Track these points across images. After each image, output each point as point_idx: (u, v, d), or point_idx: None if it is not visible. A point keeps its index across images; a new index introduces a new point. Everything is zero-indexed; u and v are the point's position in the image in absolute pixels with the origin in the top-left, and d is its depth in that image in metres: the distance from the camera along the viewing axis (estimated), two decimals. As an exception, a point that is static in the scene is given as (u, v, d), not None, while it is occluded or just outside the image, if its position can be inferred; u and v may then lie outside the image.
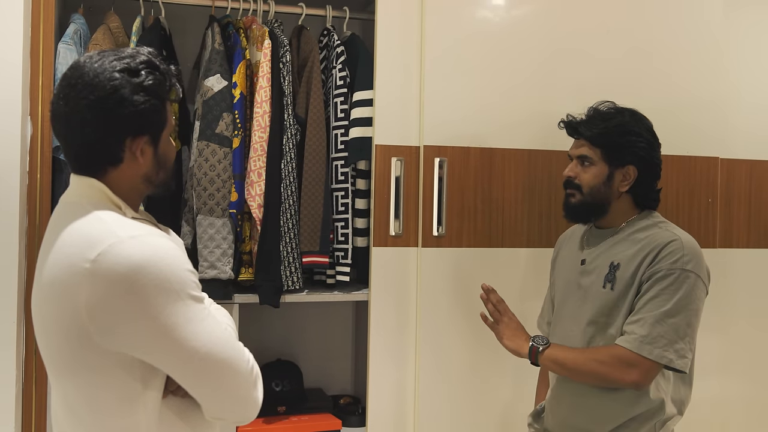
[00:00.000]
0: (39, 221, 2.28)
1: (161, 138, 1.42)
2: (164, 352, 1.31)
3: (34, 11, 2.28)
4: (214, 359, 1.33)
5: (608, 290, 1.95)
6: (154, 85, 1.37)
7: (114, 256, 1.27)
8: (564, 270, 2.16)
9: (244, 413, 1.42)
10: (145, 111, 1.36)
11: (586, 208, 2.02)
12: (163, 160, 1.44)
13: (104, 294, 1.26)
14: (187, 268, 1.34)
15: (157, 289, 1.27)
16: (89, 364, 1.32)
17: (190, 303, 1.32)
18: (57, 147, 2.38)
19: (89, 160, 1.39)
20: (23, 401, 2.27)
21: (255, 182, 2.55)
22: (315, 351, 3.14)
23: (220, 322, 1.38)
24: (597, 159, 1.99)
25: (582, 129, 2.02)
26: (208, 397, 1.37)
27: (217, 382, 1.35)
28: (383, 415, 2.58)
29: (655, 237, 1.94)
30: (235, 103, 2.54)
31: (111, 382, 1.33)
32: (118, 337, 1.29)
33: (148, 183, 1.44)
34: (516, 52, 2.64)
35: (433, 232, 2.56)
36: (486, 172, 2.61)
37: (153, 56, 1.41)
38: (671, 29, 2.79)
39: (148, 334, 1.28)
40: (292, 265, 2.60)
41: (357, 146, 2.66)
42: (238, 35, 2.62)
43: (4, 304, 2.18)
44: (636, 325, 1.86)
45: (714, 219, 2.83)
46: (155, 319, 1.27)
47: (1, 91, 2.18)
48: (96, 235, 1.30)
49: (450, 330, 2.59)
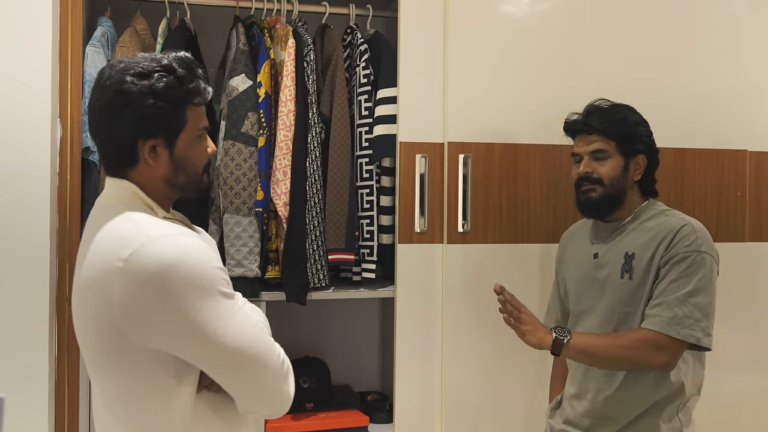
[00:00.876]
0: (69, 222, 2.32)
1: (177, 140, 1.43)
2: (196, 347, 1.34)
3: (62, 15, 2.31)
4: (245, 354, 1.35)
5: (626, 280, 1.99)
6: (165, 89, 1.38)
7: (145, 255, 1.30)
8: (575, 267, 2.18)
9: (276, 406, 1.45)
10: (153, 114, 1.38)
11: (608, 201, 2.05)
12: (181, 162, 1.45)
13: (136, 292, 1.30)
14: (216, 265, 1.37)
15: (188, 286, 1.30)
16: (124, 361, 1.36)
17: (220, 299, 1.34)
18: (86, 148, 2.42)
19: (112, 161, 1.44)
20: (56, 400, 2.31)
21: (280, 181, 2.57)
22: (342, 348, 3.16)
23: (250, 318, 1.40)
24: (612, 151, 2.03)
25: (596, 123, 2.04)
26: (240, 391, 1.40)
27: (249, 376, 1.38)
28: (410, 412, 2.58)
29: (666, 223, 2.00)
30: (260, 103, 2.56)
31: (146, 378, 1.36)
32: (150, 334, 1.32)
33: (171, 185, 1.46)
34: (540, 47, 2.63)
35: (458, 229, 2.56)
36: (511, 167, 2.61)
37: (176, 60, 1.42)
38: (698, 22, 2.76)
39: (180, 331, 1.32)
40: (318, 263, 2.61)
41: (381, 143, 2.66)
42: (263, 35, 2.64)
43: (36, 303, 2.22)
44: (660, 308, 1.90)
45: (743, 213, 2.79)
46: (186, 315, 1.31)
47: (31, 94, 2.22)
48: (128, 235, 1.34)
49: (476, 325, 2.58)
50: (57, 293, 2.29)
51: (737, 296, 2.74)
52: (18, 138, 2.21)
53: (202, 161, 1.50)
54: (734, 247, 2.77)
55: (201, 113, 1.47)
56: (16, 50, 2.21)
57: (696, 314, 1.88)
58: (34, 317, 2.21)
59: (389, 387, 2.79)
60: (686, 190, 2.73)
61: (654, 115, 2.67)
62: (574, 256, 2.21)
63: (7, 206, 2.20)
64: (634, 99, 2.62)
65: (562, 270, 2.27)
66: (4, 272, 2.19)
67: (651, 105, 2.68)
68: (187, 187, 1.49)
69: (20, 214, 2.20)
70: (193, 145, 1.46)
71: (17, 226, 2.20)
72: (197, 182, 1.50)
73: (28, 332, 2.21)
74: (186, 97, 1.42)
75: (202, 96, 1.45)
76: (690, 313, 1.88)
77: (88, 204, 2.49)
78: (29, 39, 2.22)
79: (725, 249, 2.70)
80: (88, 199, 2.50)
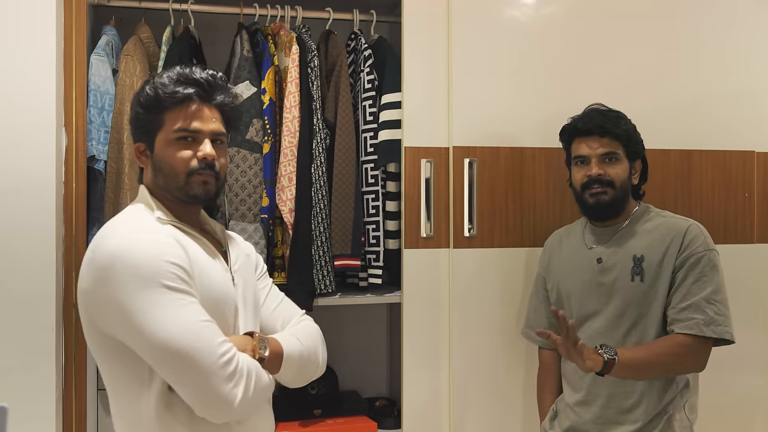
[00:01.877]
0: (75, 231, 2.32)
1: (155, 143, 1.54)
2: (132, 337, 1.38)
3: (67, 24, 2.32)
4: (172, 348, 1.35)
5: (638, 282, 2.01)
6: (146, 97, 1.54)
7: (103, 246, 1.42)
8: (574, 272, 2.17)
9: (212, 409, 1.40)
10: (135, 119, 1.57)
11: (618, 203, 2.08)
12: (158, 163, 1.54)
13: (90, 279, 1.42)
14: (167, 259, 1.40)
15: (127, 275, 1.37)
16: (101, 347, 1.47)
17: (161, 291, 1.37)
18: (91, 157, 2.43)
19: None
20: (63, 409, 2.31)
21: (286, 187, 2.57)
22: (350, 354, 3.15)
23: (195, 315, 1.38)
24: (622, 155, 2.07)
25: (609, 126, 2.05)
26: (176, 388, 1.40)
27: (178, 372, 1.37)
28: (418, 417, 2.57)
29: (670, 226, 2.04)
30: (265, 109, 2.56)
31: (119, 364, 1.45)
32: (105, 321, 1.41)
33: (159, 188, 1.56)
34: (544, 51, 2.63)
35: (465, 233, 2.56)
36: (516, 171, 2.60)
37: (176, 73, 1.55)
38: (703, 23, 2.75)
39: (119, 319, 1.38)
40: (324, 269, 2.61)
41: (386, 149, 2.66)
42: (267, 42, 2.65)
43: (42, 312, 2.22)
44: (690, 311, 1.93)
45: (751, 214, 2.78)
46: (124, 303, 1.37)
47: (36, 103, 2.22)
48: (105, 230, 1.49)
49: (483, 330, 2.57)
50: (63, 302, 2.30)
51: (745, 298, 2.72)
52: (23, 147, 2.21)
53: (182, 164, 1.51)
54: (742, 249, 2.75)
55: (180, 115, 1.51)
56: (21, 59, 2.21)
57: (724, 311, 1.94)
58: (41, 326, 2.21)
59: (397, 392, 2.78)
60: (693, 191, 2.72)
61: (660, 117, 2.68)
62: (569, 261, 2.20)
63: (13, 215, 2.20)
64: (640, 101, 2.63)
65: (552, 277, 2.26)
66: (11, 280, 2.19)
67: (657, 107, 2.69)
68: (171, 190, 1.53)
69: (26, 222, 2.20)
70: (169, 146, 1.52)
71: (23, 235, 2.20)
72: (180, 185, 1.52)
73: (35, 341, 2.21)
74: (158, 100, 1.52)
75: (172, 97, 1.52)
76: (719, 311, 1.93)
77: (94, 212, 2.50)
78: (34, 48, 2.22)
79: (733, 251, 2.71)
80: (94, 207, 2.50)
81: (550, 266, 2.29)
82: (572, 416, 2.12)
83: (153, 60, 2.61)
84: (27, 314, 2.20)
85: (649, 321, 2.00)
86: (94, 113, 2.45)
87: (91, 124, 2.43)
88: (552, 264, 2.28)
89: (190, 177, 1.51)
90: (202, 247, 1.52)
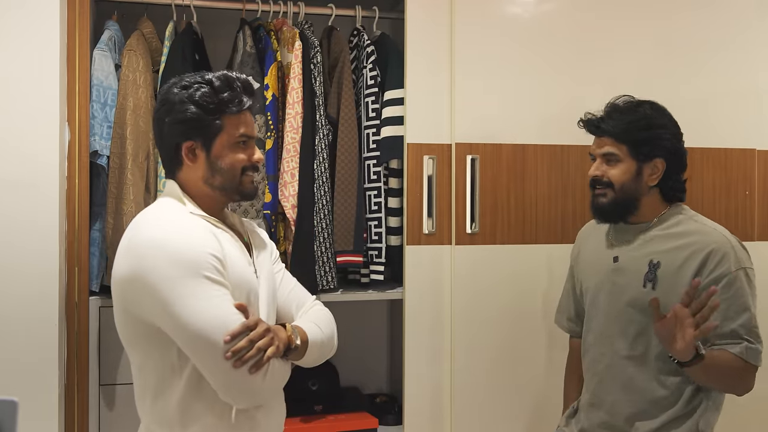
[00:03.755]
0: (78, 225, 2.32)
1: (214, 144, 1.57)
2: (166, 322, 1.43)
3: (70, 19, 2.32)
4: (206, 338, 1.42)
5: (649, 290, 1.89)
6: (201, 97, 1.54)
7: (142, 233, 1.48)
8: (593, 267, 2.09)
9: (240, 398, 1.49)
10: (190, 118, 1.55)
11: (618, 205, 1.96)
12: (217, 165, 1.58)
13: (129, 266, 1.46)
14: (207, 251, 1.46)
15: (167, 262, 1.42)
16: (134, 336, 1.51)
17: (201, 281, 1.43)
18: (94, 152, 2.42)
19: (165, 163, 1.63)
20: (66, 404, 2.31)
21: (288, 183, 2.57)
22: (351, 350, 3.14)
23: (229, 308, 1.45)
24: (624, 155, 1.94)
25: (605, 126, 1.95)
26: (206, 374, 1.46)
27: (210, 362, 1.44)
28: (419, 413, 2.58)
29: (699, 237, 1.89)
30: (268, 105, 2.56)
31: (151, 353, 1.49)
32: (140, 306, 1.46)
33: (210, 186, 1.59)
34: (546, 47, 2.63)
35: (467, 230, 2.56)
36: (519, 168, 2.60)
37: (216, 75, 1.58)
38: (704, 22, 2.75)
39: (157, 305, 1.42)
40: (326, 265, 2.61)
41: (389, 145, 2.66)
42: (269, 37, 2.64)
43: (45, 308, 2.22)
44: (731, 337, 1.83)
45: (752, 211, 2.78)
46: (160, 290, 1.42)
47: (39, 98, 2.22)
48: (140, 219, 1.54)
49: (484, 327, 2.58)
50: (66, 297, 2.30)
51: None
52: (26, 142, 2.21)
53: (239, 165, 1.60)
54: (743, 247, 2.76)
55: (240, 121, 1.59)
56: (24, 54, 2.21)
57: (760, 338, 1.86)
58: (44, 321, 2.21)
59: (398, 389, 2.78)
60: (695, 189, 2.72)
61: (662, 114, 2.68)
62: (591, 256, 2.12)
63: (16, 210, 2.20)
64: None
65: (578, 268, 2.19)
66: (13, 274, 2.19)
67: (659, 104, 2.69)
68: (226, 189, 1.61)
69: (30, 218, 2.20)
70: (230, 149, 1.58)
71: (26, 230, 2.20)
72: (236, 185, 1.61)
73: (38, 336, 2.21)
74: (220, 105, 1.56)
75: (236, 105, 1.57)
76: (758, 337, 1.85)
77: (97, 207, 2.50)
78: (37, 43, 2.22)
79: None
80: (97, 202, 2.50)
81: (578, 257, 2.20)
82: (584, 419, 2.07)
83: (156, 55, 2.60)
84: (30, 309, 2.20)
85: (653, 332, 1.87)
86: (97, 108, 2.45)
87: (93, 119, 2.43)
88: (579, 255, 2.19)
89: (243, 177, 1.61)
90: (231, 240, 1.59)
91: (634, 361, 1.94)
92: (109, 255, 2.47)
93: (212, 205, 1.61)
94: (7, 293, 2.19)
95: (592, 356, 2.05)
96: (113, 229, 2.44)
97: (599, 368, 2.02)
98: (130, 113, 2.45)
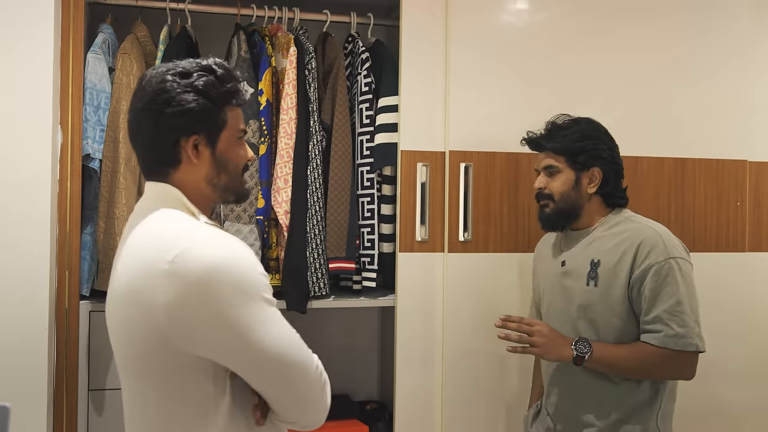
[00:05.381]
0: (69, 229, 2.31)
1: (219, 139, 1.43)
2: (238, 353, 1.32)
3: (64, 22, 2.31)
4: (285, 361, 1.34)
5: (591, 287, 2.03)
6: (206, 86, 1.39)
7: (191, 258, 1.29)
8: (545, 275, 2.23)
9: (313, 416, 1.43)
10: (194, 110, 1.39)
11: (560, 214, 2.11)
12: (223, 161, 1.44)
13: (181, 295, 1.28)
14: (260, 271, 1.36)
15: (233, 290, 1.29)
16: (165, 367, 1.34)
17: (263, 305, 1.34)
18: (86, 155, 2.41)
19: (152, 163, 1.44)
20: (54, 409, 2.30)
21: (281, 189, 2.56)
22: (341, 357, 3.14)
23: (290, 327, 1.39)
24: (563, 166, 2.10)
25: (544, 142, 2.12)
26: (279, 400, 1.39)
27: (288, 384, 1.37)
28: (410, 421, 2.57)
29: (631, 233, 2.03)
30: (262, 110, 2.56)
31: (184, 384, 1.35)
32: (194, 339, 1.30)
33: (212, 186, 1.45)
34: (541, 57, 2.64)
35: (459, 238, 2.56)
36: (512, 176, 2.61)
37: (215, 62, 1.44)
38: (699, 33, 2.77)
39: (223, 336, 1.30)
40: (318, 271, 2.61)
41: (382, 152, 2.66)
42: (264, 43, 2.64)
43: (35, 311, 2.20)
44: (656, 324, 1.94)
45: (743, 222, 2.80)
46: (230, 320, 1.29)
47: (32, 101, 2.21)
48: (173, 237, 1.33)
49: (476, 335, 2.58)
50: (57, 301, 2.28)
51: (736, 307, 2.74)
52: (19, 145, 2.20)
53: (242, 163, 1.50)
54: (734, 257, 2.77)
55: (239, 115, 1.48)
56: (18, 56, 2.20)
57: (688, 321, 1.93)
58: (34, 325, 2.20)
59: (388, 396, 2.78)
60: (686, 199, 2.74)
61: (655, 125, 2.70)
62: (544, 264, 2.26)
63: (8, 213, 2.19)
64: (635, 108, 2.66)
65: (535, 279, 2.33)
66: (4, 278, 2.18)
67: (652, 115, 2.71)
68: (228, 189, 1.48)
69: (21, 221, 2.19)
70: (233, 145, 1.46)
71: (18, 234, 2.19)
72: (238, 184, 1.50)
73: (28, 340, 2.19)
74: (225, 96, 1.43)
75: (239, 97, 1.46)
76: (682, 322, 1.92)
77: (89, 211, 2.48)
78: (31, 46, 2.21)
79: (725, 259, 2.73)
80: (88, 206, 2.49)
81: (534, 268, 2.35)
82: (546, 419, 2.17)
83: (150, 59, 2.60)
84: (20, 312, 2.19)
85: (606, 327, 2.00)
86: (90, 111, 2.43)
87: (86, 123, 2.41)
88: (536, 266, 2.35)
89: (242, 176, 1.51)
90: None
91: None
92: (100, 259, 2.46)
93: (206, 208, 1.48)
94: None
95: (546, 361, 2.17)
96: (105, 233, 2.43)
97: (551, 371, 2.16)
98: (123, 117, 2.44)
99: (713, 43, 2.78)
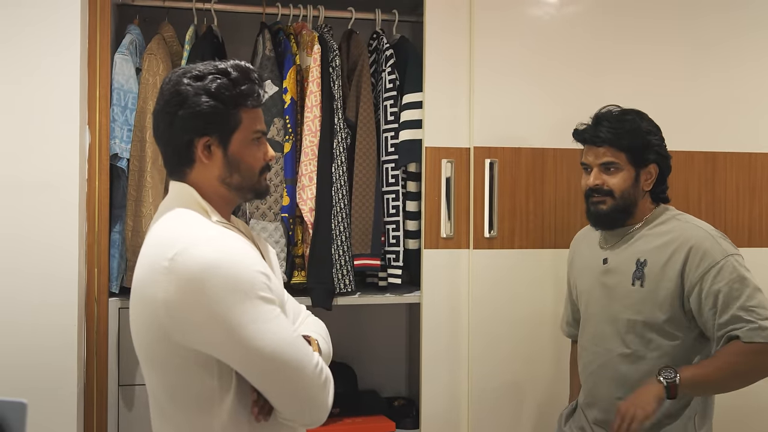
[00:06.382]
0: (98, 228, 2.35)
1: (231, 140, 1.46)
2: (232, 351, 1.36)
3: (91, 23, 2.34)
4: (281, 359, 1.36)
5: (638, 287, 1.97)
6: (218, 89, 1.43)
7: (189, 256, 1.34)
8: (584, 271, 2.16)
9: (312, 414, 1.44)
10: (205, 112, 1.43)
11: (618, 212, 2.02)
12: (235, 162, 1.47)
13: (178, 292, 1.33)
14: (258, 269, 1.39)
15: (226, 288, 1.33)
16: (170, 361, 1.40)
17: (258, 303, 1.36)
18: (114, 155, 2.45)
19: (170, 162, 1.50)
20: (85, 405, 2.34)
21: (306, 186, 2.57)
22: (369, 353, 3.15)
23: (288, 325, 1.42)
24: (623, 163, 2.00)
25: (605, 134, 2.00)
26: (276, 398, 1.41)
27: (284, 382, 1.39)
28: (437, 417, 2.57)
29: (679, 233, 1.97)
30: (286, 108, 2.57)
31: (189, 379, 1.39)
32: (190, 334, 1.35)
33: (226, 186, 1.49)
34: (566, 51, 2.61)
35: (485, 234, 2.55)
36: (538, 172, 2.59)
37: (232, 65, 1.47)
38: (728, 25, 2.72)
39: (217, 333, 1.34)
40: (344, 268, 2.61)
41: (407, 149, 2.66)
42: (289, 41, 2.65)
43: (65, 310, 2.24)
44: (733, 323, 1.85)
45: (776, 217, 2.74)
46: (223, 318, 1.33)
47: (60, 101, 2.25)
48: (175, 236, 1.39)
49: (502, 331, 2.57)
50: (86, 298, 2.32)
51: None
52: (47, 145, 2.24)
53: (258, 163, 1.52)
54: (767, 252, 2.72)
55: (257, 116, 1.50)
56: (45, 58, 2.24)
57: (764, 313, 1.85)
58: (64, 324, 2.24)
59: (416, 393, 2.78)
60: (717, 193, 2.69)
61: (684, 118, 2.66)
62: (583, 260, 2.19)
63: (37, 213, 2.23)
64: (664, 102, 2.61)
65: (572, 274, 2.26)
66: (34, 277, 2.23)
67: (681, 108, 2.67)
68: (243, 188, 1.51)
69: (50, 220, 2.23)
70: (247, 146, 1.49)
71: (47, 233, 2.23)
72: (253, 184, 1.52)
73: (58, 336, 2.24)
74: (239, 98, 1.45)
75: (255, 99, 1.48)
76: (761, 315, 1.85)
77: (117, 209, 2.52)
78: (58, 47, 2.25)
79: (758, 254, 2.68)
80: (117, 205, 2.53)
81: (572, 263, 2.28)
82: (582, 417, 2.12)
83: (176, 59, 2.62)
84: (50, 310, 2.23)
85: (650, 328, 1.95)
86: (118, 112, 2.47)
87: (114, 123, 2.45)
88: (573, 261, 2.27)
89: (260, 176, 1.53)
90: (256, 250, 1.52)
91: (627, 359, 2.00)
92: (128, 257, 2.50)
93: (225, 206, 1.52)
94: (28, 294, 2.22)
95: (586, 358, 2.12)
96: (133, 231, 2.46)
97: (593, 368, 2.08)
98: (150, 116, 2.46)
99: (742, 34, 2.73)
